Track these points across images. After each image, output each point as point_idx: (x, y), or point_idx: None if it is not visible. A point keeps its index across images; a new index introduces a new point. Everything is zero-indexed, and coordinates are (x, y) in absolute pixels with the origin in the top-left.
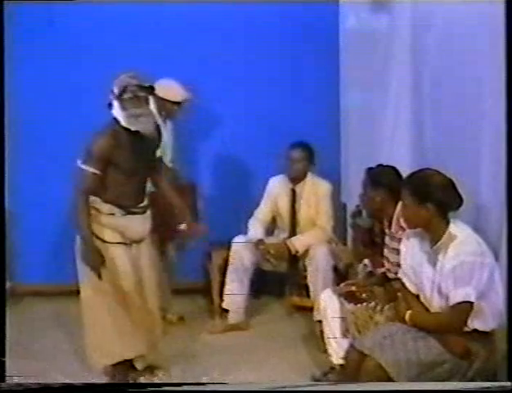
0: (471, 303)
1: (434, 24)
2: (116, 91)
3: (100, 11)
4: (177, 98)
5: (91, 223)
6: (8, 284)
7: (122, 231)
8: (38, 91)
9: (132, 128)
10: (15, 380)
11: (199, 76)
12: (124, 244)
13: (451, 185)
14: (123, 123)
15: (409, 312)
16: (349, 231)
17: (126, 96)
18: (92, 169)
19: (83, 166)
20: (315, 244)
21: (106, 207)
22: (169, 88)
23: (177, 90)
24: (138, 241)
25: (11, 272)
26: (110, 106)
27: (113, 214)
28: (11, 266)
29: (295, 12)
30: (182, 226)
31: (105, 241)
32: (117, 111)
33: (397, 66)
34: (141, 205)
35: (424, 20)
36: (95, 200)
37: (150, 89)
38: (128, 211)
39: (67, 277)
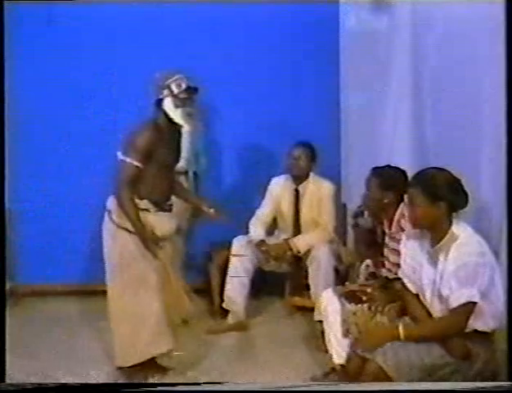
0: (474, 303)
1: (434, 24)
2: (175, 89)
3: (100, 11)
4: None
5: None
6: (8, 284)
7: (151, 229)
8: (38, 91)
9: (187, 127)
10: (15, 380)
11: (198, 76)
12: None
13: (458, 184)
14: (178, 120)
15: (402, 330)
16: (349, 231)
17: (183, 95)
18: (134, 162)
19: (125, 158)
20: (317, 244)
21: (142, 202)
22: None
23: None
24: (164, 240)
25: (11, 272)
26: (160, 101)
27: (147, 210)
28: (11, 266)
29: (295, 12)
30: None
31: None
32: (170, 108)
33: (397, 66)
34: (168, 202)
35: (424, 20)
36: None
37: (196, 91)
38: (159, 208)
39: (67, 277)
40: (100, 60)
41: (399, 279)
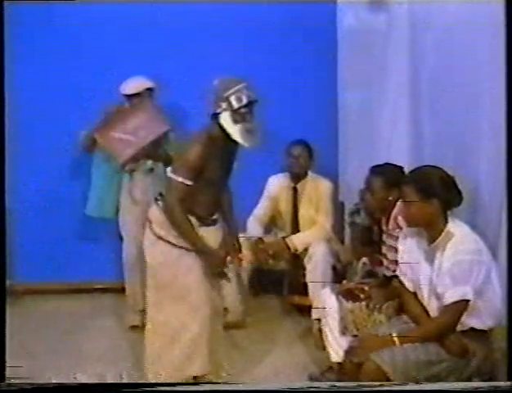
0: (467, 301)
1: (432, 23)
2: (235, 104)
3: (100, 11)
4: (128, 91)
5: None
6: (8, 283)
7: None
8: (38, 91)
9: (246, 144)
10: (15, 380)
11: (198, 75)
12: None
13: (452, 181)
14: (236, 136)
15: (396, 339)
16: (347, 229)
17: (244, 110)
18: (185, 181)
19: (176, 177)
20: (314, 242)
21: None
22: (124, 85)
23: (129, 83)
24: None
25: (11, 271)
26: (215, 115)
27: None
28: (11, 266)
29: (294, 12)
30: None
31: (180, 247)
32: (228, 123)
33: (395, 65)
34: (213, 217)
35: (422, 19)
36: None
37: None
38: (202, 222)
39: (67, 277)
40: (100, 60)
41: (397, 277)
